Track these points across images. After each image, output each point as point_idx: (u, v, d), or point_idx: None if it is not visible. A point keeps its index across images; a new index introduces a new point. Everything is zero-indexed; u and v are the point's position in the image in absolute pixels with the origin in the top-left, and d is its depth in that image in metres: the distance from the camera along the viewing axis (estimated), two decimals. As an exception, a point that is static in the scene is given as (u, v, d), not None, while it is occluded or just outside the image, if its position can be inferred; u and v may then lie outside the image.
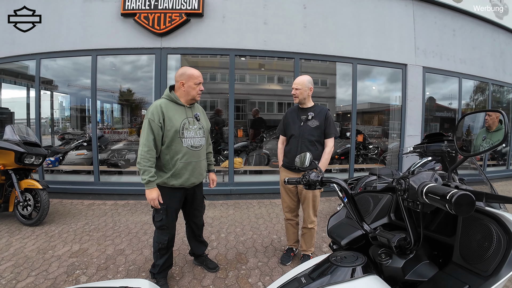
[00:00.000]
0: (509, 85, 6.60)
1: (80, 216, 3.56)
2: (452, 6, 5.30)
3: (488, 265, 0.69)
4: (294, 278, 0.85)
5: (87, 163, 4.72)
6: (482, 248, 0.72)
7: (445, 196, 0.61)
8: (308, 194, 2.36)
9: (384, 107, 6.42)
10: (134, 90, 5.16)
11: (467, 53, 5.62)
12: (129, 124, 6.08)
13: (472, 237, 0.76)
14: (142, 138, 1.86)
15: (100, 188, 4.20)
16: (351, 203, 1.02)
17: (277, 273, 2.35)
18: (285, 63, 5.96)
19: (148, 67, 4.55)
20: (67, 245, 2.74)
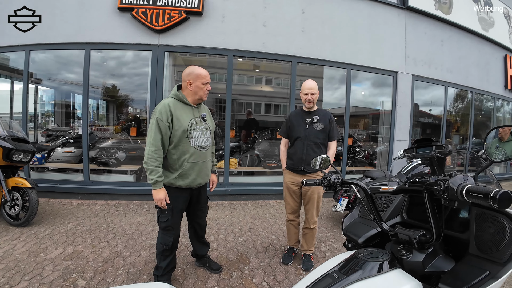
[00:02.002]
0: (492, 94, 7.05)
1: (70, 217, 3.39)
2: (441, 17, 5.61)
3: (503, 253, 0.80)
4: (326, 274, 0.88)
5: (75, 161, 4.50)
6: (495, 241, 0.83)
7: (488, 194, 0.69)
8: (314, 195, 2.40)
9: (369, 111, 6.64)
10: (119, 86, 5.00)
11: (453, 62, 5.96)
12: (115, 121, 5.88)
13: (486, 231, 0.87)
14: (149, 138, 1.81)
15: (90, 188, 4.02)
16: (370, 204, 1.08)
17: (280, 273, 2.36)
18: (273, 65, 5.97)
19: (133, 63, 4.43)
20: (59, 247, 2.60)
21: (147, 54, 4.23)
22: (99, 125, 5.56)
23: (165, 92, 4.18)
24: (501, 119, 7.78)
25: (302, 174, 2.41)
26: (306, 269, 2.42)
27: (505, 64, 7.12)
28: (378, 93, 5.94)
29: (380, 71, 5.19)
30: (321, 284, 0.85)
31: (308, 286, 0.86)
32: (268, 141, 6.30)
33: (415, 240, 0.93)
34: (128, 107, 5.57)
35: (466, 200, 0.76)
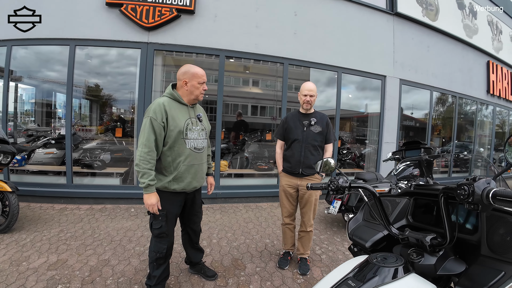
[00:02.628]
0: (475, 98, 7.38)
1: (52, 223, 3.19)
2: (428, 24, 5.82)
3: None
4: (341, 281, 0.86)
5: (57, 162, 4.23)
6: (506, 241, 0.83)
7: None
8: (311, 198, 2.38)
9: (354, 113, 6.76)
10: (102, 85, 4.79)
11: (439, 68, 6.19)
12: (99, 121, 5.63)
13: (496, 232, 0.87)
14: (141, 138, 1.71)
15: (74, 191, 3.80)
16: (379, 208, 1.06)
17: (277, 278, 2.31)
18: (260, 66, 5.93)
19: (117, 62, 4.25)
20: (42, 256, 2.42)
21: (133, 53, 4.07)
22: (82, 125, 5.29)
23: (154, 93, 4.05)
24: (483, 123, 8.17)
25: (299, 177, 2.39)
26: (303, 273, 2.39)
27: (487, 69, 7.49)
28: (361, 96, 6.05)
29: (370, 74, 5.30)
30: None
31: None
32: (257, 143, 6.26)
33: (428, 244, 0.92)
34: (112, 107, 5.34)
35: (491, 204, 0.75)
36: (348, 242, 3.15)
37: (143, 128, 1.72)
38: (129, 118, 4.92)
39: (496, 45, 7.82)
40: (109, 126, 4.93)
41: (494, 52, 7.68)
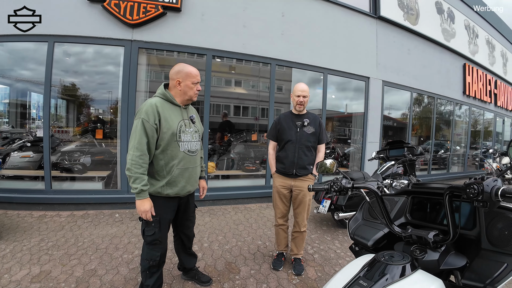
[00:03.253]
0: (452, 99, 7.80)
1: (32, 231, 2.97)
2: (409, 28, 6.08)
3: None
4: (353, 281, 0.88)
5: (34, 167, 3.94)
6: (504, 235, 0.89)
7: None
8: (305, 199, 2.39)
9: (335, 113, 6.92)
10: (79, 84, 4.53)
11: (419, 70, 6.49)
12: (76, 122, 5.32)
13: (495, 227, 0.93)
14: (133, 141, 1.62)
15: (53, 197, 3.55)
16: (381, 206, 1.09)
17: (272, 280, 2.31)
18: (243, 66, 5.89)
19: (94, 60, 4.04)
20: (24, 268, 2.24)
21: (112, 51, 3.88)
22: (58, 127, 4.97)
23: (138, 93, 3.89)
24: (459, 122, 8.64)
25: (293, 177, 2.39)
26: (298, 273, 2.40)
27: (464, 72, 7.96)
28: (342, 96, 6.17)
29: (354, 76, 5.44)
30: None
31: None
32: (243, 143, 6.23)
33: (431, 240, 0.97)
34: (90, 108, 5.07)
35: (500, 201, 0.80)
36: (340, 241, 3.22)
37: (134, 130, 1.64)
38: (108, 119, 4.68)
39: (472, 48, 8.32)
40: (89, 127, 4.67)
41: (470, 55, 8.17)
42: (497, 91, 9.68)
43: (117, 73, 3.95)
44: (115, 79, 4.02)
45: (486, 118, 9.89)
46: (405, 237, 1.06)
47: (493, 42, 9.58)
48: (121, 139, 3.82)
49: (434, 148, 7.69)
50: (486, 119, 9.94)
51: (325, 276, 2.41)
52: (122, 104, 3.78)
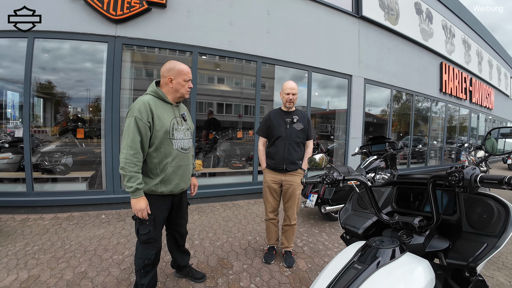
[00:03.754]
0: (429, 96, 8.20)
1: (16, 235, 2.85)
2: (389, 28, 6.32)
3: (495, 228, 0.95)
4: (348, 266, 0.94)
5: (13, 168, 3.74)
6: (483, 219, 0.99)
7: (502, 180, 0.85)
8: (295, 193, 2.47)
9: (317, 110, 7.11)
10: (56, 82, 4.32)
11: (398, 68, 6.77)
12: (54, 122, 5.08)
13: (474, 211, 1.03)
14: (126, 139, 1.61)
15: (35, 200, 3.41)
16: (370, 198, 1.18)
17: (265, 273, 2.37)
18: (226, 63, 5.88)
19: (71, 57, 3.89)
20: (12, 273, 2.16)
21: (89, 47, 3.74)
22: (35, 126, 4.72)
23: (122, 91, 3.80)
24: (436, 118, 9.13)
25: (283, 172, 2.46)
26: (289, 265, 2.48)
27: (440, 70, 8.38)
28: (323, 93, 6.33)
29: (337, 74, 5.60)
30: (348, 276, 0.89)
31: (335, 280, 0.90)
32: (229, 141, 6.23)
33: (417, 225, 1.05)
34: (68, 106, 4.85)
35: (478, 187, 0.89)
36: (327, 233, 3.36)
37: (127, 129, 1.62)
38: (88, 118, 4.51)
39: (449, 47, 8.77)
40: (69, 126, 4.48)
41: (447, 54, 8.60)
42: (472, 89, 10.27)
43: (96, 70, 3.82)
44: (96, 76, 3.88)
45: (462, 114, 10.49)
46: (393, 224, 1.14)
47: (469, 41, 10.12)
48: (105, 138, 3.72)
49: (413, 143, 8.10)
50: (462, 115, 10.54)
51: (315, 267, 2.52)
52: (106, 102, 3.67)
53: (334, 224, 3.70)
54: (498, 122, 14.42)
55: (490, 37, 12.64)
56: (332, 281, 0.89)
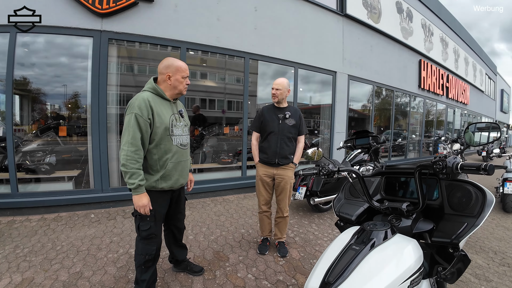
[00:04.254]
0: (408, 92, 8.59)
1: (3, 238, 2.75)
2: (372, 26, 6.54)
3: (473, 209, 1.08)
4: (347, 247, 1.04)
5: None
6: (462, 202, 1.13)
7: (480, 166, 0.98)
8: (287, 186, 2.56)
9: (300, 106, 7.26)
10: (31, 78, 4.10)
11: (380, 65, 7.04)
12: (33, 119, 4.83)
13: (454, 196, 1.17)
14: (126, 136, 1.62)
15: (20, 201, 3.27)
16: (363, 187, 1.29)
17: (261, 263, 2.47)
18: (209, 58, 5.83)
19: (46, 52, 3.74)
20: (5, 277, 2.10)
21: (65, 40, 3.59)
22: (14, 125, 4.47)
23: (109, 87, 3.70)
24: (414, 113, 9.58)
25: (275, 166, 2.53)
26: (283, 255, 2.60)
27: (419, 67, 8.78)
28: (306, 89, 6.45)
29: (323, 70, 5.75)
30: (347, 256, 0.98)
31: (336, 260, 0.99)
32: (215, 137, 6.25)
33: (405, 210, 1.18)
34: (46, 103, 4.62)
35: (459, 173, 1.02)
36: (317, 224, 3.52)
37: (127, 126, 1.63)
38: (66, 115, 4.33)
39: (428, 45, 9.19)
40: (51, 124, 4.30)
41: (426, 52, 9.02)
42: (449, 85, 10.86)
43: (79, 65, 3.68)
44: (81, 72, 3.75)
45: (439, 109, 11.08)
46: (383, 209, 1.26)
47: (446, 39, 10.64)
48: (92, 136, 3.63)
49: (393, 137, 8.50)
50: (439, 110, 11.13)
51: (307, 256, 2.65)
52: (92, 99, 3.57)
53: (322, 215, 3.87)
54: (473, 116, 15.37)
55: (467, 35, 13.37)
56: (333, 262, 0.99)
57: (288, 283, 2.20)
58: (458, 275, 1.09)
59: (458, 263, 1.07)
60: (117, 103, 3.97)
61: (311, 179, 3.77)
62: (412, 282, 0.94)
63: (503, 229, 3.62)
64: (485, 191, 1.11)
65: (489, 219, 3.99)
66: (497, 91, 20.37)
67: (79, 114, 4.14)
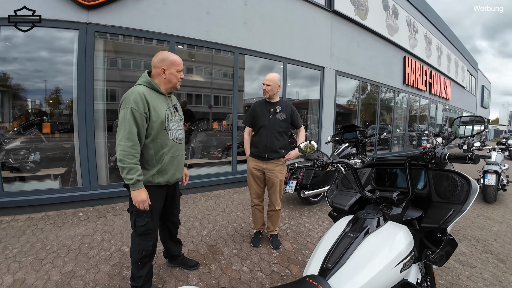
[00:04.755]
0: (393, 88, 8.82)
1: None
2: (359, 22, 6.66)
3: (459, 197, 1.16)
4: (343, 235, 1.09)
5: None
6: (448, 190, 1.22)
7: (466, 156, 1.06)
8: (277, 180, 2.60)
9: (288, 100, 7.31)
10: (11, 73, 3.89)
11: (366, 61, 7.19)
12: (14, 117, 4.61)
13: (441, 185, 1.26)
14: (122, 131, 1.59)
15: (6, 200, 3.15)
16: (355, 178, 1.36)
17: (255, 255, 2.53)
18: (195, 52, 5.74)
19: (26, 46, 3.60)
20: None
21: (45, 34, 3.45)
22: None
23: (96, 82, 3.60)
24: (399, 108, 9.89)
25: (265, 160, 2.57)
26: (276, 247, 2.67)
27: (404, 63, 9.03)
28: (293, 84, 6.48)
29: (311, 65, 5.82)
30: (343, 243, 1.04)
31: (333, 247, 1.05)
32: (204, 132, 6.21)
33: (396, 199, 1.25)
34: (26, 99, 4.42)
35: (447, 163, 1.10)
36: (307, 216, 3.62)
37: (122, 120, 1.60)
38: (47, 111, 4.18)
39: (412, 42, 9.45)
40: (34, 121, 4.13)
41: (410, 48, 9.28)
42: (431, 81, 11.26)
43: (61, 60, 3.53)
44: (66, 67, 3.61)
45: (422, 104, 11.49)
46: (374, 199, 1.33)
47: (430, 37, 10.98)
48: (79, 132, 3.53)
49: (379, 131, 8.77)
50: (422, 105, 11.55)
51: (299, 247, 2.74)
52: (78, 94, 3.46)
53: (312, 208, 3.98)
54: (454, 111, 16.02)
55: (450, 33, 13.84)
56: (330, 249, 1.04)
57: (282, 273, 2.28)
58: (446, 257, 1.18)
59: (446, 246, 1.15)
60: (104, 98, 3.87)
61: (301, 173, 3.85)
62: (404, 265, 1.01)
63: (484, 218, 3.84)
64: (470, 180, 1.20)
65: (471, 209, 4.23)
66: (478, 87, 21.29)
67: (63, 110, 4.00)
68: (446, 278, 2.28)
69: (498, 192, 4.78)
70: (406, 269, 1.04)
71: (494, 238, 3.14)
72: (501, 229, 3.45)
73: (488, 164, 4.77)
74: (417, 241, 1.24)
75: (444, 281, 2.23)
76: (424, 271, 1.38)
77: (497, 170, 4.51)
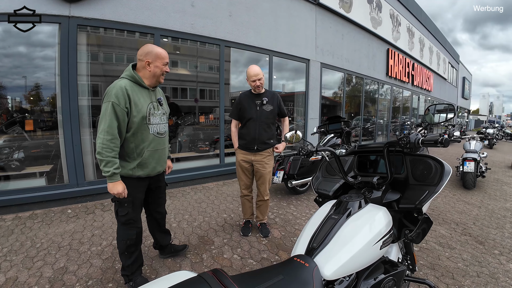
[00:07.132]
0: (377, 80, 9.01)
1: None
2: (343, 15, 6.73)
3: (433, 179, 1.27)
4: (327, 218, 1.18)
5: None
6: (424, 174, 1.33)
7: (437, 140, 1.14)
8: (265, 171, 2.68)
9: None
10: None
11: (350, 54, 7.31)
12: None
13: (417, 168, 1.36)
14: (103, 125, 1.62)
15: None
16: (338, 164, 1.46)
17: (245, 244, 2.63)
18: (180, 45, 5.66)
19: (3, 42, 3.47)
20: None
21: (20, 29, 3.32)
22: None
23: (79, 77, 3.52)
24: (382, 100, 10.14)
25: (254, 152, 2.62)
26: (265, 235, 2.78)
27: (387, 56, 9.23)
28: (279, 76, 6.51)
29: (296, 58, 5.88)
30: (328, 225, 1.13)
31: (318, 228, 1.13)
32: (191, 126, 6.20)
33: (376, 183, 1.35)
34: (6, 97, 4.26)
35: (420, 147, 1.20)
36: (294, 205, 3.76)
37: (103, 114, 1.62)
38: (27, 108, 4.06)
39: (395, 35, 9.63)
40: (16, 118, 4.01)
41: (393, 41, 9.47)
42: (414, 73, 11.57)
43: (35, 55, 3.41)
44: (47, 62, 3.50)
45: (404, 96, 11.83)
46: (356, 184, 1.43)
47: (413, 29, 11.21)
48: (64, 128, 3.47)
49: (363, 123, 9.02)
50: (404, 97, 11.89)
51: (288, 234, 2.87)
52: (62, 89, 3.38)
53: (299, 197, 4.12)
54: (436, 103, 16.58)
55: (432, 26, 14.17)
56: (316, 230, 1.13)
57: (272, 259, 2.40)
58: (423, 235, 1.30)
59: (422, 224, 1.27)
60: (88, 94, 3.80)
61: (288, 163, 3.96)
62: (384, 243, 1.12)
63: (463, 203, 4.08)
64: (443, 163, 1.31)
65: (450, 194, 4.49)
66: (459, 78, 22.02)
67: (46, 107, 3.90)
68: (427, 259, 2.44)
69: (477, 178, 5.00)
70: (386, 246, 1.14)
71: (473, 222, 3.33)
72: (480, 213, 3.67)
73: (467, 152, 5.04)
74: (397, 222, 1.35)
75: (425, 262, 2.39)
76: (404, 250, 1.50)
77: (476, 158, 4.74)
